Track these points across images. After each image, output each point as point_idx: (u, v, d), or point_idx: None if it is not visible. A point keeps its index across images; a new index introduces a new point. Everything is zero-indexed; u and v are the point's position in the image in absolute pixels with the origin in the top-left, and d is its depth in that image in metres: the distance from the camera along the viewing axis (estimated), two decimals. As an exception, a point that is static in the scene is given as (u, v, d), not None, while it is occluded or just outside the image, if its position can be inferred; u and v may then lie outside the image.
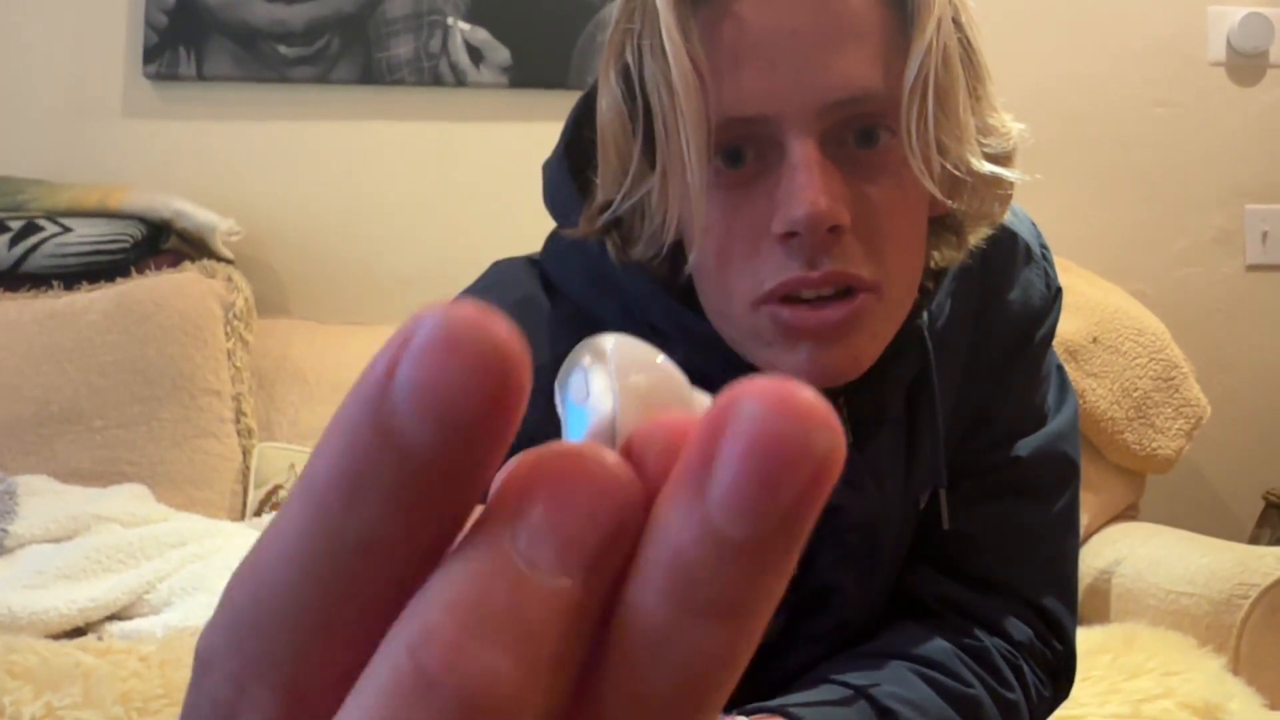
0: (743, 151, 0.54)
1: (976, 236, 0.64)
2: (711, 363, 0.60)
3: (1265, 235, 2.13)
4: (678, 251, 0.61)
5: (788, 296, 0.55)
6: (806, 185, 0.52)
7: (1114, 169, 2.10)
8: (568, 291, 0.64)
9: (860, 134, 0.55)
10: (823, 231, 0.53)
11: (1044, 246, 0.71)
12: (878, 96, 0.55)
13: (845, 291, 0.55)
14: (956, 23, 0.57)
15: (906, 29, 0.56)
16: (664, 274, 0.62)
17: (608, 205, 0.60)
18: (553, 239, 0.66)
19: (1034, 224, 0.72)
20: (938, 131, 0.57)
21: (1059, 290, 0.71)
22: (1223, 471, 2.07)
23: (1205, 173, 2.12)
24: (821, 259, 0.54)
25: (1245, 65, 2.13)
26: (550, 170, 0.65)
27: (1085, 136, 2.08)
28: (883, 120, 0.56)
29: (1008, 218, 0.65)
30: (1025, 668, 0.68)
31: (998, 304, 0.68)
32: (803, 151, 0.53)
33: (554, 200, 0.65)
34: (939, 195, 0.61)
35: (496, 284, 0.66)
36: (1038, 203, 0.61)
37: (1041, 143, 0.63)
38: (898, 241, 0.58)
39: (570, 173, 0.64)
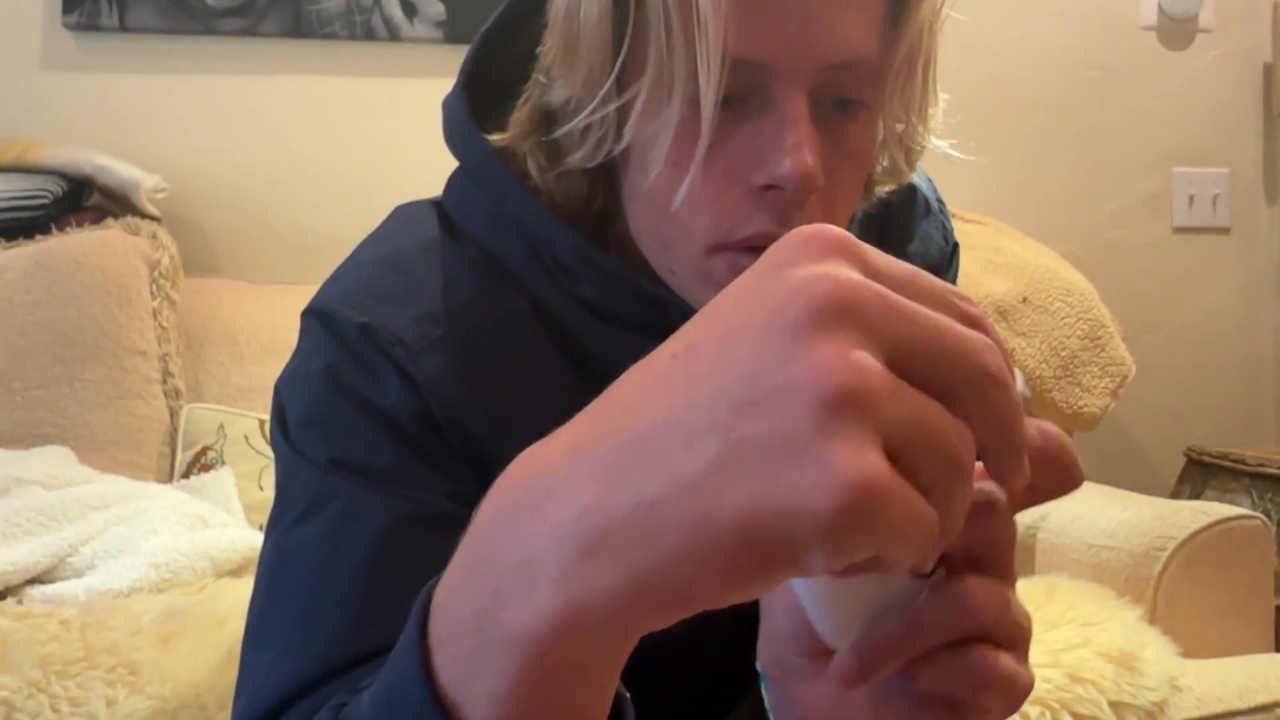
0: (729, 94, 0.53)
1: (881, 190, 0.64)
2: (620, 298, 0.60)
3: (1192, 198, 2.17)
4: (598, 173, 0.60)
5: (751, 247, 0.55)
6: (799, 143, 0.52)
7: (1045, 131, 2.12)
8: (470, 232, 0.63)
9: (839, 100, 0.55)
10: (807, 191, 0.53)
11: (940, 201, 0.72)
12: (868, 66, 0.55)
13: None
14: None
15: (900, 1, 0.55)
16: (577, 198, 0.61)
17: (548, 108, 0.58)
18: (454, 179, 0.65)
19: (930, 179, 0.72)
20: (908, 107, 0.57)
21: (956, 245, 0.72)
22: (1146, 428, 2.12)
23: (1135, 136, 2.15)
24: (794, 216, 0.54)
25: (1175, 30, 2.16)
26: (449, 106, 0.64)
27: (1017, 99, 2.10)
28: (863, 90, 0.55)
29: None
30: None
31: (897, 255, 0.69)
32: (796, 108, 0.53)
33: (454, 136, 0.64)
34: (903, 167, 0.61)
35: (399, 230, 0.65)
36: (969, 164, 0.61)
37: (974, 105, 0.64)
38: (846, 206, 0.58)
39: (470, 109, 0.62)
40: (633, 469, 0.29)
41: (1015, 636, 0.36)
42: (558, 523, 0.30)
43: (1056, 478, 0.33)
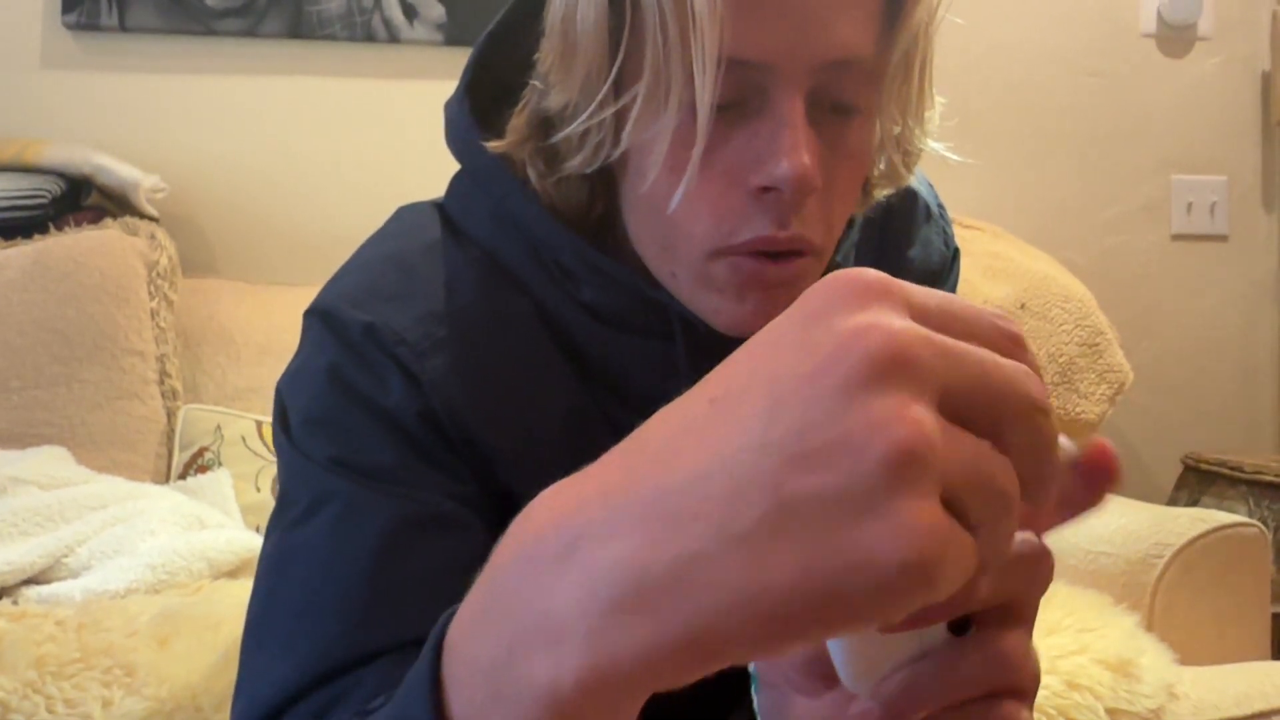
0: (726, 97, 0.53)
1: (880, 193, 0.65)
2: (621, 301, 0.60)
3: (1190, 205, 2.17)
4: (597, 178, 0.60)
5: (751, 251, 0.55)
6: (796, 144, 0.52)
7: (1045, 138, 2.13)
8: (472, 234, 0.63)
9: (836, 104, 0.55)
10: (805, 192, 0.53)
11: (941, 206, 0.72)
12: (864, 67, 0.55)
13: (796, 251, 0.56)
14: None
15: (895, 3, 0.55)
16: (578, 204, 0.61)
17: (545, 113, 0.58)
18: (456, 181, 0.65)
19: (930, 184, 0.73)
20: (905, 109, 0.57)
21: (957, 251, 0.72)
22: (1144, 435, 2.12)
23: (1134, 143, 2.16)
24: (791, 219, 0.54)
25: (1174, 37, 2.16)
26: (451, 109, 0.64)
27: (1017, 105, 2.11)
28: (859, 92, 0.55)
29: None
30: None
31: (897, 260, 0.69)
32: (793, 109, 0.53)
33: (456, 140, 0.64)
34: (900, 170, 0.61)
35: (402, 230, 0.65)
36: (969, 170, 0.61)
37: (973, 111, 0.64)
38: (843, 209, 0.58)
39: (472, 112, 0.62)
40: (674, 520, 0.28)
41: (1033, 687, 0.36)
42: (588, 573, 0.28)
43: (1096, 487, 0.34)
